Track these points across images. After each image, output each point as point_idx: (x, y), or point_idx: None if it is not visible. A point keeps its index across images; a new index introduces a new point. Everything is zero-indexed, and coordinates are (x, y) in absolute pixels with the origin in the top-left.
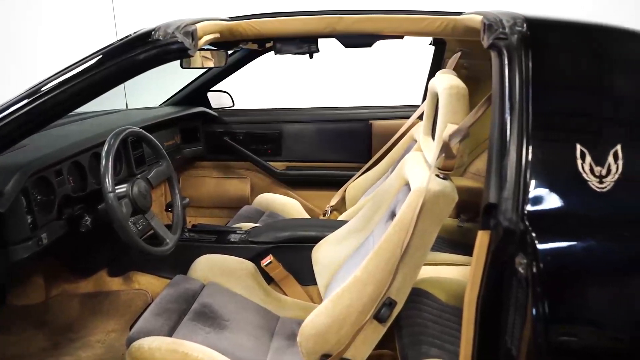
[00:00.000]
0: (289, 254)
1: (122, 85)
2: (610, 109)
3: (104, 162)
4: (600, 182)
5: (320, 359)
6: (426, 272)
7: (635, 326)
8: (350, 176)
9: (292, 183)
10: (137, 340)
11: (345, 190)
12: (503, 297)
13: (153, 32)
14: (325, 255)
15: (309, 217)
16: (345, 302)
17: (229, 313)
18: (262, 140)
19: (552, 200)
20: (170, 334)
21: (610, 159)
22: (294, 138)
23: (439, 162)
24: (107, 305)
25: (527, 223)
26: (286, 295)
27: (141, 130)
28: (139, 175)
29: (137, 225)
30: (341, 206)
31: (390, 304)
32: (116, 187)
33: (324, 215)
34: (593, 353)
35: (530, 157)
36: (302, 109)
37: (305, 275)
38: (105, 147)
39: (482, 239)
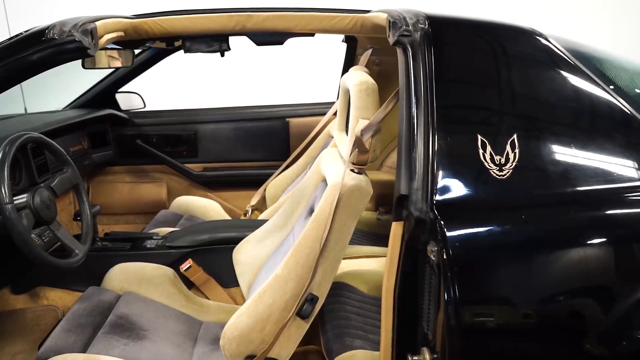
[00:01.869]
0: (209, 257)
1: (19, 87)
2: (506, 101)
3: None
4: (500, 170)
5: None
6: (347, 265)
7: (539, 302)
8: (270, 175)
9: (210, 184)
10: (47, 359)
11: (265, 189)
12: (418, 284)
13: (47, 31)
14: (246, 255)
15: (229, 217)
16: (268, 300)
17: (147, 322)
18: (177, 142)
19: (458, 189)
20: (84, 350)
21: (508, 148)
22: (210, 138)
23: (352, 157)
24: (11, 325)
25: (436, 212)
26: (208, 299)
27: (41, 135)
28: (41, 184)
29: (43, 238)
30: (262, 205)
31: (312, 299)
32: (15, 198)
33: (245, 215)
34: (503, 330)
35: (436, 148)
36: (218, 108)
37: (227, 278)
38: (0, 155)
39: (396, 229)
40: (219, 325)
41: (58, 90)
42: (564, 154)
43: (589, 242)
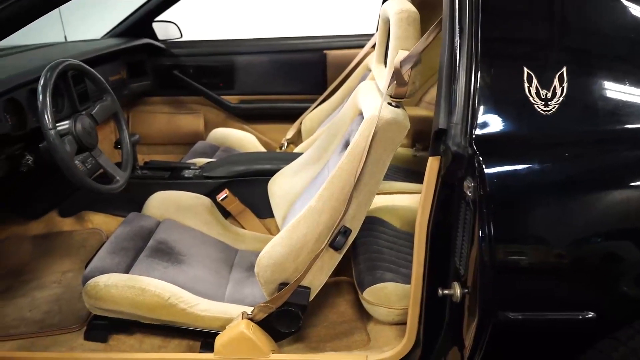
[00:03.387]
0: (245, 188)
1: (59, 16)
2: (557, 32)
3: (41, 97)
4: (546, 105)
5: (278, 287)
6: (381, 200)
7: (576, 243)
8: (306, 108)
9: (246, 117)
10: (92, 278)
11: (301, 123)
12: (452, 220)
13: None
14: (281, 187)
15: (265, 150)
16: (302, 231)
17: (186, 248)
18: (214, 74)
19: (499, 124)
20: (126, 271)
21: (556, 81)
22: (247, 70)
23: (390, 90)
24: (60, 246)
25: (474, 147)
26: (244, 228)
27: (81, 63)
28: (82, 112)
29: (86, 164)
30: (297, 139)
31: (345, 232)
32: (57, 124)
33: (280, 148)
34: (536, 270)
35: (479, 81)
36: (254, 39)
37: (262, 209)
38: (42, 82)
39: (432, 164)
40: (254, 254)
41: (97, 19)
42: (615, 90)
43: (633, 183)
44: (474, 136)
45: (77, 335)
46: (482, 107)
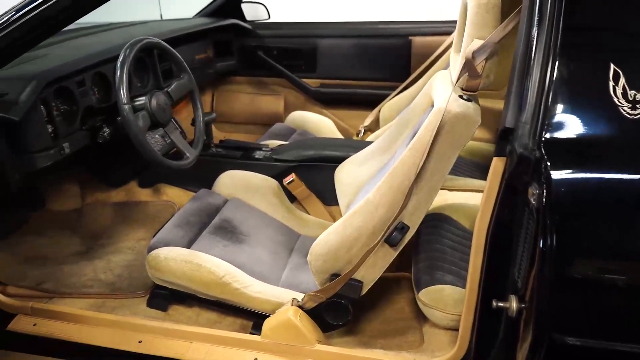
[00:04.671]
0: (312, 173)
1: None
2: None
3: (118, 72)
4: (633, 108)
5: (330, 277)
6: (453, 197)
7: None
8: (386, 95)
9: (326, 101)
10: (155, 249)
11: (379, 110)
12: (514, 227)
13: None
14: (347, 175)
15: (341, 136)
16: (357, 223)
17: (249, 228)
18: (296, 56)
19: (574, 126)
20: (188, 245)
21: None
22: (329, 54)
23: (462, 82)
24: (137, 214)
25: (543, 150)
26: (309, 214)
27: (160, 41)
28: (165, 89)
29: (166, 139)
30: (375, 126)
31: (402, 228)
32: (135, 100)
33: (357, 135)
34: (602, 292)
35: (555, 76)
36: (339, 22)
37: (328, 195)
38: (121, 58)
39: (497, 165)
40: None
41: None
42: None
43: None
44: (543, 138)
45: (141, 301)
46: (555, 106)
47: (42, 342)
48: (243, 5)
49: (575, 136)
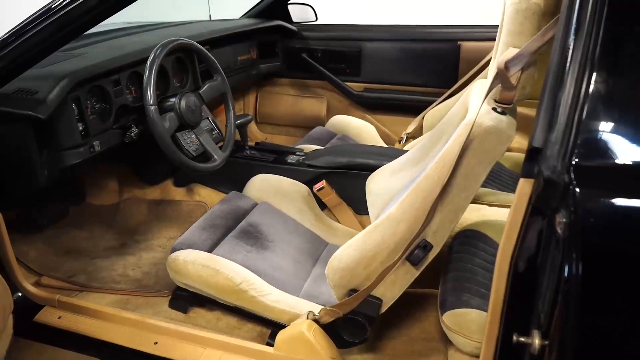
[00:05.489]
0: (344, 181)
1: None
2: None
3: (147, 73)
4: None
5: (348, 293)
6: (490, 213)
7: None
8: (432, 102)
9: (369, 106)
10: (178, 251)
11: (423, 117)
12: (539, 256)
13: None
14: (378, 185)
15: (382, 142)
16: (376, 238)
17: (274, 234)
18: (341, 59)
19: (610, 149)
20: (211, 248)
21: None
22: (374, 57)
23: (495, 93)
24: (170, 212)
25: (572, 175)
26: (339, 222)
27: (193, 42)
28: (204, 88)
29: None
30: (418, 134)
31: (425, 246)
32: (166, 101)
33: (400, 142)
34: (630, 336)
35: (591, 91)
36: (385, 25)
37: (360, 204)
38: (150, 58)
39: (523, 187)
40: None
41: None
42: None
43: None
44: (573, 161)
45: (164, 301)
46: (589, 126)
47: (64, 335)
48: (291, 7)
49: (610, 161)
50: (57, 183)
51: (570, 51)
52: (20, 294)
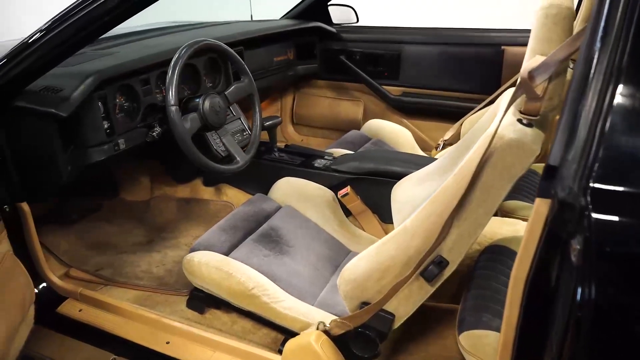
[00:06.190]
0: (369, 188)
1: None
2: None
3: (170, 73)
4: None
5: (360, 305)
6: (523, 227)
7: None
8: (472, 108)
9: (406, 110)
10: (195, 251)
11: (461, 124)
12: (554, 283)
13: None
14: (404, 194)
15: (418, 148)
16: (389, 251)
17: (295, 239)
18: (379, 62)
19: (633, 172)
20: (229, 251)
21: None
22: (414, 61)
23: (519, 104)
24: (198, 211)
25: (589, 198)
26: (364, 230)
27: (219, 43)
28: (231, 89)
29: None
30: (456, 141)
31: (440, 262)
32: (194, 100)
33: (437, 149)
34: None
35: (615, 103)
36: (425, 28)
37: (386, 213)
38: (175, 58)
39: (539, 207)
40: None
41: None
42: None
43: None
44: (591, 183)
45: (182, 300)
46: (611, 142)
47: (84, 328)
48: (330, 8)
49: (631, 185)
50: (84, 178)
51: (595, 61)
52: (45, 285)
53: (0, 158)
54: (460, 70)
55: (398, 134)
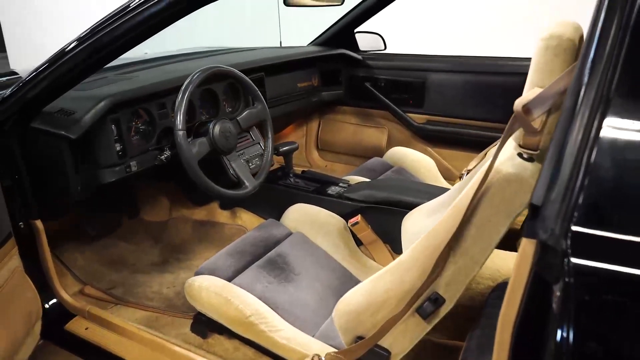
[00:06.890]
0: (380, 217)
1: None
2: None
3: (179, 97)
4: None
5: (355, 339)
6: None
7: None
8: (497, 138)
9: (431, 139)
10: (199, 275)
11: (485, 154)
12: (541, 328)
13: None
14: (414, 225)
15: (441, 177)
16: (385, 285)
17: (302, 266)
18: (404, 89)
19: (618, 214)
20: (233, 276)
21: None
22: (438, 89)
23: (518, 137)
24: (212, 234)
25: (569, 241)
26: (375, 261)
27: (232, 69)
28: (243, 114)
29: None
30: None
31: (436, 299)
32: (205, 125)
33: (460, 178)
34: None
35: (601, 136)
36: (451, 56)
37: (397, 243)
38: (185, 83)
39: (525, 248)
40: None
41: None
42: None
43: None
44: (572, 223)
45: (187, 323)
46: (596, 179)
47: (89, 346)
48: (357, 35)
49: (615, 229)
50: (105, 197)
51: (583, 89)
52: (55, 301)
53: (17, 176)
54: (486, 99)
55: (421, 162)
